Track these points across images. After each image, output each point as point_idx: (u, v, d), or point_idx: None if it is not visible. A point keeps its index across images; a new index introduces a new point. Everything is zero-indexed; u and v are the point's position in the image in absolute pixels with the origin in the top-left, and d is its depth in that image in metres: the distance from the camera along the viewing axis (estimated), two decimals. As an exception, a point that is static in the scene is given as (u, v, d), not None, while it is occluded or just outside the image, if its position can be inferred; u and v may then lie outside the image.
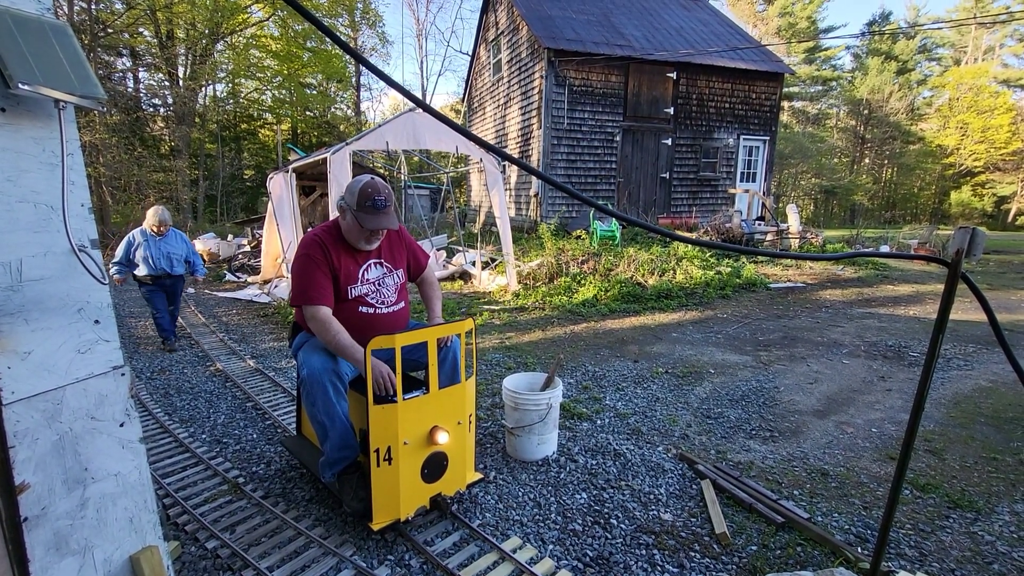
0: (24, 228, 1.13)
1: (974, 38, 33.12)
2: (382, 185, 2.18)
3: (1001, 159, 28.52)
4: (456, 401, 2.28)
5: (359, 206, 2.15)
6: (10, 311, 1.11)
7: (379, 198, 2.14)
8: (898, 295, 7.91)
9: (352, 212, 2.17)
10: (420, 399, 2.15)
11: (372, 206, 2.14)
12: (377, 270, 2.37)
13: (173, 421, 3.51)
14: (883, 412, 3.67)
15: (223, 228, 16.96)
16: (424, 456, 2.18)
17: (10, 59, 1.02)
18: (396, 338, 2.02)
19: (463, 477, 2.39)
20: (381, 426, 2.04)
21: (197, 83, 19.58)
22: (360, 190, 2.15)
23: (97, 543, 1.31)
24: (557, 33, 11.81)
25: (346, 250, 2.28)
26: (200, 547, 2.22)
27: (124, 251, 4.99)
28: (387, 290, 2.39)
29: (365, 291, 2.31)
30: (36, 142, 1.14)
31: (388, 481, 2.10)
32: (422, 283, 2.64)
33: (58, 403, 1.21)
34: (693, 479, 2.77)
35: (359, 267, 2.31)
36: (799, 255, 1.61)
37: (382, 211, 2.17)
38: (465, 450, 2.37)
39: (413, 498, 2.18)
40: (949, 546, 2.26)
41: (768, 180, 14.06)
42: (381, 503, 2.11)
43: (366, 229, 2.18)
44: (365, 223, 2.16)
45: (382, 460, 2.06)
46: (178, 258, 5.17)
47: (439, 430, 2.15)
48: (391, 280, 2.41)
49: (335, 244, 2.26)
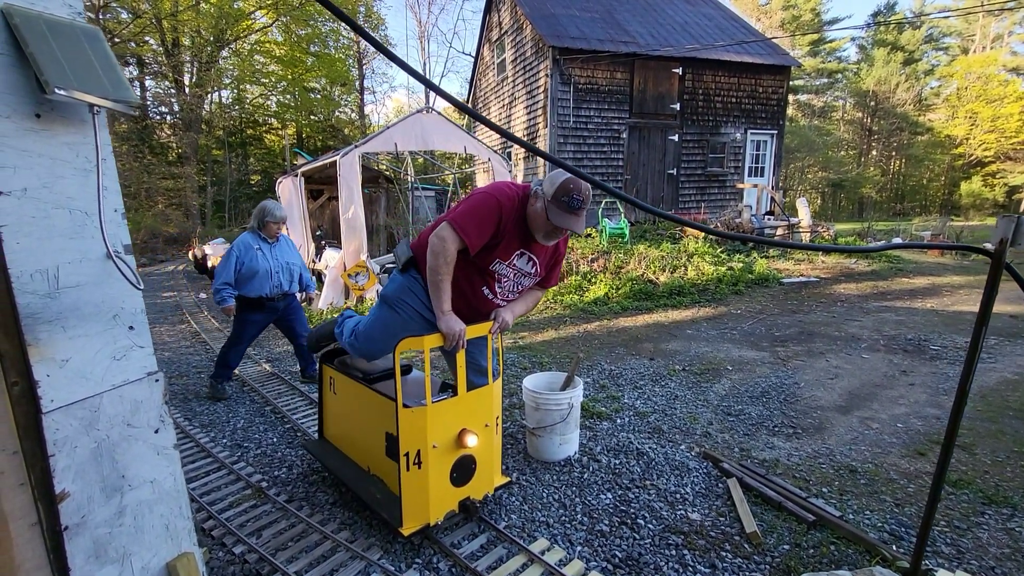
0: (60, 235, 1.12)
1: (982, 26, 32.69)
2: (585, 186, 2.06)
3: (1012, 148, 28.12)
4: (484, 403, 2.25)
5: (554, 198, 2.04)
6: (48, 318, 1.10)
7: (577, 197, 2.03)
8: (914, 288, 7.81)
9: (545, 201, 2.07)
10: (448, 402, 2.13)
11: (568, 204, 2.03)
12: (526, 265, 2.26)
13: (193, 426, 3.52)
14: (907, 407, 3.61)
15: (231, 233, 17.06)
16: (453, 459, 2.15)
17: (45, 64, 1.01)
18: (425, 340, 2.00)
19: (491, 480, 2.36)
20: (410, 429, 2.01)
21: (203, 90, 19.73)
22: (562, 183, 2.04)
23: (135, 551, 1.30)
24: (561, 31, 11.77)
25: (518, 226, 2.16)
26: (228, 552, 2.21)
27: (231, 265, 3.63)
28: (516, 284, 2.29)
29: (504, 273, 2.22)
30: (70, 148, 1.13)
31: (418, 485, 2.07)
32: (532, 288, 2.48)
33: (95, 410, 1.20)
34: (719, 478, 2.74)
35: (515, 251, 2.20)
36: (833, 247, 1.57)
37: (575, 212, 2.05)
38: (492, 453, 2.34)
39: (442, 502, 2.15)
40: (987, 543, 2.21)
41: (777, 174, 13.94)
42: (411, 507, 2.08)
43: (551, 223, 2.08)
44: (553, 217, 2.06)
45: (411, 464, 2.04)
46: (296, 271, 3.95)
47: (468, 433, 2.13)
48: (528, 280, 2.31)
49: (517, 214, 2.14)
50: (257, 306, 3.79)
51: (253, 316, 3.82)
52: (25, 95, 1.05)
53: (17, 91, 1.04)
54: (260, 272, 3.69)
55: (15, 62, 1.03)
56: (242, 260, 3.66)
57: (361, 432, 2.45)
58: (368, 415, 2.34)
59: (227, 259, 3.65)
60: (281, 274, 3.80)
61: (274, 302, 3.84)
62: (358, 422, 2.47)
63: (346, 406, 2.58)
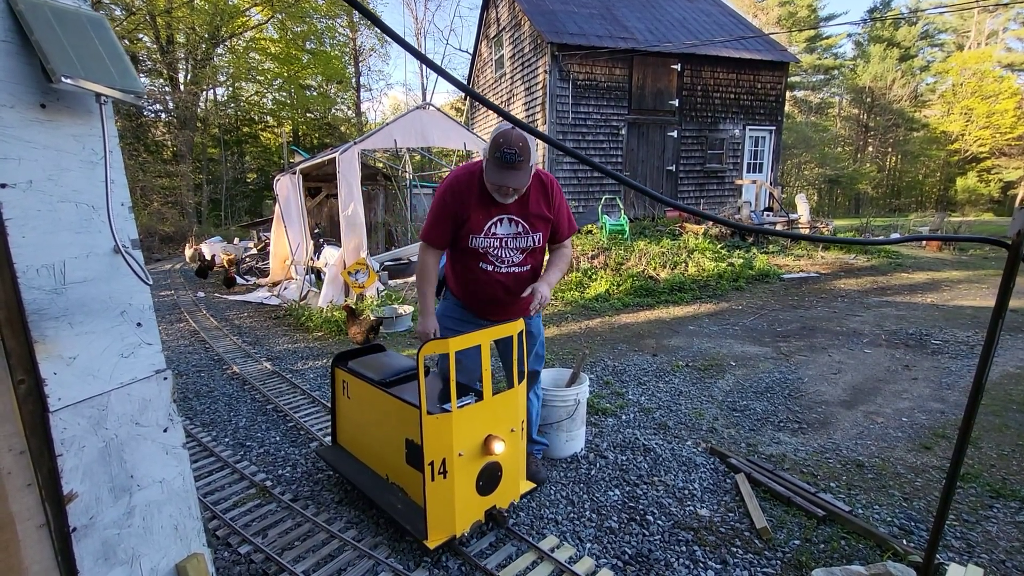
0: (66, 229, 1.09)
1: (977, 23, 32.80)
2: (517, 136, 1.95)
3: (1007, 144, 28.26)
4: (510, 407, 2.13)
5: (489, 156, 1.98)
6: (55, 315, 1.07)
7: (508, 151, 1.93)
8: (914, 283, 7.83)
9: (484, 161, 2.02)
10: (474, 407, 2.01)
11: (501, 158, 1.95)
12: (508, 227, 2.18)
13: (195, 425, 3.49)
14: (912, 401, 3.61)
15: (228, 231, 16.96)
16: (479, 467, 2.04)
17: (51, 52, 0.98)
18: (450, 342, 1.89)
19: (516, 488, 2.25)
20: (435, 437, 1.91)
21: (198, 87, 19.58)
22: (493, 139, 1.97)
23: (144, 552, 1.28)
24: (560, 27, 11.73)
25: (481, 198, 2.11)
26: (233, 552, 2.19)
27: None
28: (511, 251, 2.21)
29: (486, 245, 2.17)
30: (76, 139, 1.10)
31: (443, 495, 1.97)
32: (553, 250, 2.42)
33: (103, 409, 1.17)
34: (726, 473, 2.73)
35: (488, 219, 2.14)
36: (849, 240, 1.56)
37: (510, 166, 1.96)
38: (518, 459, 2.24)
39: (468, 512, 2.05)
40: (996, 537, 2.21)
41: (775, 170, 13.96)
42: (436, 519, 1.98)
43: (489, 181, 2.02)
44: (488, 175, 2.00)
45: (436, 473, 1.93)
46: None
47: (495, 439, 2.02)
48: (522, 242, 2.21)
49: (471, 188, 2.10)
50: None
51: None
52: (30, 84, 1.02)
53: (22, 80, 1.01)
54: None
55: (19, 50, 1.00)
56: None
57: (378, 438, 2.36)
58: (385, 420, 2.26)
59: None
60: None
61: None
62: (374, 428, 2.38)
63: (361, 411, 2.48)
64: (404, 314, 5.93)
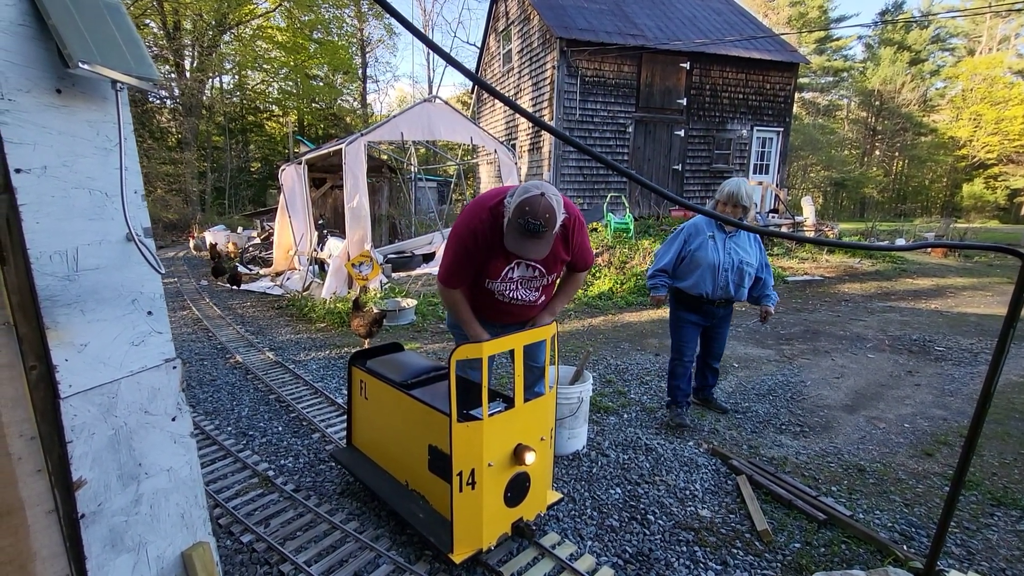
0: (79, 215, 1.09)
1: (989, 28, 32.50)
2: (545, 206, 1.83)
3: (1015, 151, 28.07)
4: (540, 415, 2.06)
5: (512, 220, 1.88)
6: (67, 301, 1.07)
7: (533, 221, 1.82)
8: (918, 289, 7.80)
9: (505, 221, 1.93)
10: (505, 415, 1.91)
11: (524, 226, 1.84)
12: (525, 271, 2.17)
13: (198, 413, 3.49)
14: (914, 407, 3.61)
15: (232, 220, 16.97)
16: (508, 478, 1.95)
17: (68, 37, 0.97)
18: (484, 347, 1.81)
19: (543, 498, 2.16)
20: (465, 446, 1.82)
21: (204, 75, 19.52)
22: (519, 203, 1.84)
23: (151, 540, 1.28)
24: (569, 23, 11.65)
25: (502, 247, 2.01)
26: (235, 541, 2.20)
27: (675, 249, 3.07)
28: (528, 289, 2.22)
29: (502, 288, 2.18)
30: (91, 126, 1.09)
31: (471, 507, 1.87)
32: (566, 276, 2.38)
33: (113, 396, 1.17)
34: (728, 475, 2.73)
35: (506, 266, 2.12)
36: (856, 245, 1.55)
37: (532, 235, 1.86)
38: (547, 468, 2.16)
39: (495, 525, 1.96)
40: (996, 545, 2.21)
41: (782, 172, 13.89)
42: (463, 532, 1.88)
43: (509, 248, 1.93)
44: (508, 243, 1.91)
45: (465, 484, 1.84)
46: (750, 272, 3.06)
47: (527, 450, 1.92)
48: (537, 282, 2.22)
49: (490, 233, 2.02)
50: (690, 306, 3.15)
51: (689, 317, 3.17)
52: (46, 69, 1.01)
53: (38, 65, 1.00)
54: (704, 265, 3.00)
55: (37, 34, 0.99)
56: (689, 249, 3.04)
57: (397, 442, 2.28)
58: (406, 425, 2.19)
59: (673, 244, 3.10)
60: (731, 273, 3.01)
61: (714, 307, 3.12)
62: (394, 432, 2.30)
63: (380, 414, 2.39)
64: (407, 307, 5.93)
